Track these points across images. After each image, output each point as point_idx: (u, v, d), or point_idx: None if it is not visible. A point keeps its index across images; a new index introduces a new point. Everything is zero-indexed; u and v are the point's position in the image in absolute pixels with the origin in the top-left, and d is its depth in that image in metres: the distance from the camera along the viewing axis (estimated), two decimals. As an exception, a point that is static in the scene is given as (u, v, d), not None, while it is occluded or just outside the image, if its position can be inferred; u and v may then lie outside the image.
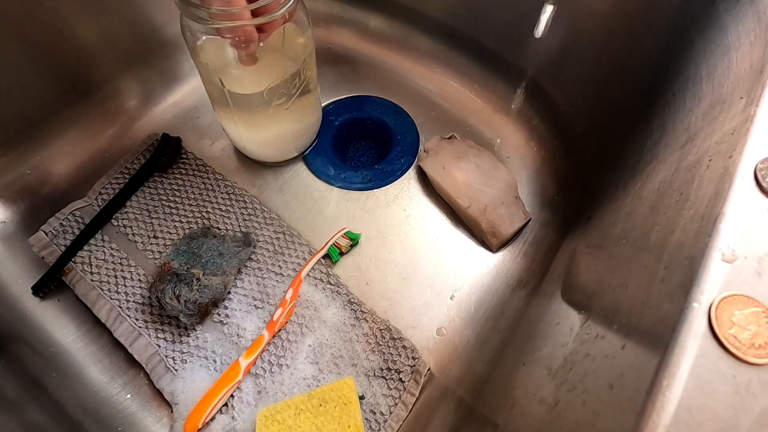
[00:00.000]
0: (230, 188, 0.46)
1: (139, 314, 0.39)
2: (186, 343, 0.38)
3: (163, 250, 0.42)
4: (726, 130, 0.24)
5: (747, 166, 0.21)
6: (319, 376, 0.37)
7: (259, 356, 0.38)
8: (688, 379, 0.17)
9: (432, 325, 0.41)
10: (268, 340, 0.37)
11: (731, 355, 0.17)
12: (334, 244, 0.42)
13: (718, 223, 0.20)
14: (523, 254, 0.44)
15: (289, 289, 0.38)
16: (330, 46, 0.57)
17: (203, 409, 0.35)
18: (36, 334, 0.39)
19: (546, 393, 0.26)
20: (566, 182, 0.47)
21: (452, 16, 0.51)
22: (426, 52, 0.54)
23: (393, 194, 0.47)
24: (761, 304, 0.18)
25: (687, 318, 0.18)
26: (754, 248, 0.19)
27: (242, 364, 0.36)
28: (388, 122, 0.51)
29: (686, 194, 0.24)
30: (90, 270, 0.41)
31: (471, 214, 0.43)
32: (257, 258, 0.42)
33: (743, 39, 0.28)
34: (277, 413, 0.34)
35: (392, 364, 0.38)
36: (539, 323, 0.35)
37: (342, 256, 0.43)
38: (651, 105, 0.36)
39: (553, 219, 0.46)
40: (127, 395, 0.37)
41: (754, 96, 0.24)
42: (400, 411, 0.36)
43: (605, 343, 0.23)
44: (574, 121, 0.47)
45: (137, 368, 0.38)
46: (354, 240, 0.43)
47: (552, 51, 0.46)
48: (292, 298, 0.38)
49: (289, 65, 0.38)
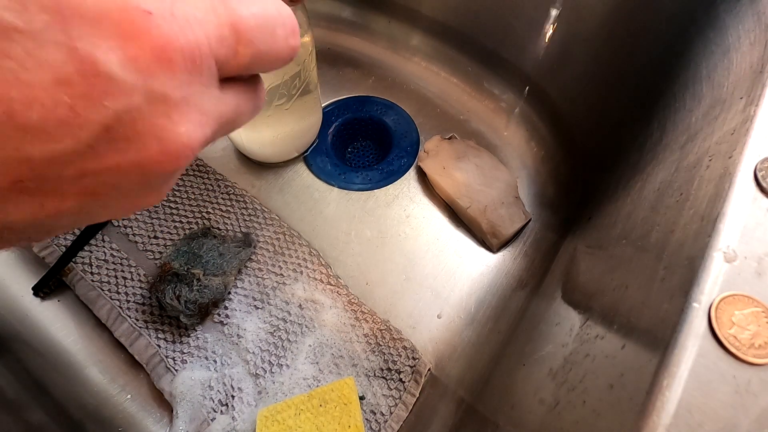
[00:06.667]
0: (230, 189, 0.46)
1: (139, 314, 0.39)
2: (186, 344, 0.38)
3: (163, 251, 0.42)
4: (726, 130, 0.24)
5: (747, 166, 0.21)
6: (320, 376, 0.37)
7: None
8: (688, 379, 0.17)
9: (432, 325, 0.41)
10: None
11: (731, 355, 0.17)
12: None
13: (718, 223, 0.20)
14: (523, 254, 0.44)
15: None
16: (330, 46, 0.57)
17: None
18: (36, 334, 0.39)
19: (546, 393, 0.26)
20: (566, 182, 0.47)
21: (452, 16, 0.51)
22: (426, 52, 0.54)
23: (393, 194, 0.47)
24: (761, 304, 0.18)
25: (687, 318, 0.18)
26: (754, 248, 0.19)
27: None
28: (388, 122, 0.51)
29: (686, 194, 0.24)
30: (90, 270, 0.41)
31: (471, 214, 0.43)
32: (257, 258, 0.42)
33: (743, 39, 0.28)
34: (278, 413, 0.34)
35: (392, 364, 0.38)
36: (539, 323, 0.35)
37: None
38: (651, 105, 0.36)
39: (553, 219, 0.46)
40: (127, 395, 0.37)
41: (754, 96, 0.24)
42: (400, 411, 0.36)
43: (605, 343, 0.23)
44: (574, 122, 0.47)
45: (137, 368, 0.38)
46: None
47: (552, 51, 0.46)
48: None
49: (290, 66, 0.38)
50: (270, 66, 0.15)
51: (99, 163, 0.12)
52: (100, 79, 0.11)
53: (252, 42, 0.14)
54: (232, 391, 0.36)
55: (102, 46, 0.11)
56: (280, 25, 0.15)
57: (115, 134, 0.11)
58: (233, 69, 0.14)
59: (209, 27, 0.13)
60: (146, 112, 0.12)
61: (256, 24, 0.14)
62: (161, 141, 0.12)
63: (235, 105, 0.15)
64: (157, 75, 0.12)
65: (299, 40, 0.16)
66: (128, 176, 0.13)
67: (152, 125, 0.12)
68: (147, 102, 0.12)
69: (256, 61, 0.15)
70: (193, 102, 0.13)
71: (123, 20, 0.11)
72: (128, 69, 0.11)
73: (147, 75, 0.11)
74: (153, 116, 0.12)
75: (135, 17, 0.11)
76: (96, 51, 0.11)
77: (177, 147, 0.13)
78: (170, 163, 0.13)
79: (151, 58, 0.11)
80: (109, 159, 0.12)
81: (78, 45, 0.10)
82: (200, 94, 0.13)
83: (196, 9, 0.12)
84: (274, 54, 0.15)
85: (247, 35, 0.14)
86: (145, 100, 0.12)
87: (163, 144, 0.12)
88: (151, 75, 0.12)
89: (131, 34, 0.11)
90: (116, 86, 0.11)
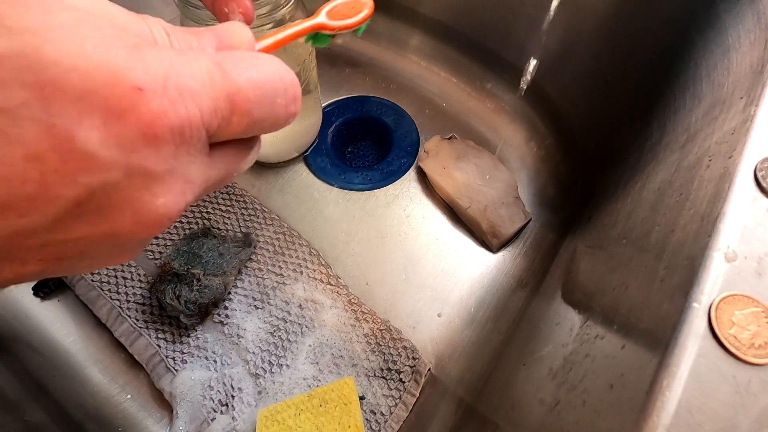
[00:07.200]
0: (230, 188, 0.46)
1: (139, 314, 0.39)
2: (186, 344, 0.38)
3: (163, 251, 0.42)
4: (726, 130, 0.24)
5: (747, 166, 0.21)
6: (320, 376, 0.37)
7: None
8: (688, 379, 0.17)
9: (432, 325, 0.41)
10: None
11: (731, 355, 0.17)
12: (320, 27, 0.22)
13: (718, 223, 0.20)
14: (524, 254, 0.44)
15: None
16: (330, 46, 0.57)
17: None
18: (36, 334, 0.39)
19: (546, 393, 0.26)
20: (566, 182, 0.47)
21: (452, 16, 0.51)
22: (426, 52, 0.54)
23: (393, 194, 0.47)
24: (761, 304, 0.18)
25: (687, 318, 0.18)
26: (754, 248, 0.19)
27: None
28: (388, 122, 0.51)
29: (686, 194, 0.24)
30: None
31: (471, 214, 0.43)
32: (257, 258, 0.42)
33: (743, 39, 0.28)
34: (278, 413, 0.34)
35: (392, 364, 0.38)
36: (539, 323, 0.35)
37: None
38: (651, 105, 0.36)
39: (553, 219, 0.46)
40: (127, 395, 0.37)
41: (754, 96, 0.24)
42: (400, 411, 0.36)
43: (605, 343, 0.23)
44: (574, 121, 0.47)
45: (137, 368, 0.38)
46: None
47: (552, 51, 0.46)
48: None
49: (290, 66, 0.38)
50: (266, 131, 0.15)
51: (66, 235, 0.12)
52: (75, 155, 0.11)
53: (249, 112, 0.14)
54: (232, 391, 0.36)
55: (83, 123, 0.11)
56: (281, 93, 0.14)
57: (86, 208, 0.11)
58: (226, 136, 0.14)
59: (203, 99, 0.12)
60: (124, 186, 0.12)
61: (254, 95, 0.14)
62: (137, 213, 0.12)
63: (225, 168, 0.15)
64: (140, 151, 0.11)
65: (299, 106, 0.15)
66: (98, 245, 0.13)
67: (129, 198, 0.12)
68: (126, 176, 0.11)
69: (251, 129, 0.14)
70: (178, 173, 0.13)
71: (110, 97, 0.11)
72: (109, 145, 0.11)
73: (129, 151, 0.11)
74: (131, 190, 0.12)
75: (123, 94, 0.11)
76: (75, 128, 0.10)
77: (153, 217, 0.12)
78: (144, 232, 0.13)
79: (135, 135, 0.11)
80: (78, 230, 0.12)
81: (56, 122, 0.10)
82: (187, 164, 0.13)
83: (192, 80, 0.12)
84: (271, 121, 0.15)
85: (243, 106, 0.13)
86: (124, 175, 0.11)
87: (138, 215, 0.12)
88: (134, 151, 0.11)
89: (117, 112, 0.11)
90: (93, 162, 0.11)
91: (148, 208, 0.12)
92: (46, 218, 0.11)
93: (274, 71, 0.14)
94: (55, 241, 0.12)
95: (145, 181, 0.12)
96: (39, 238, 0.11)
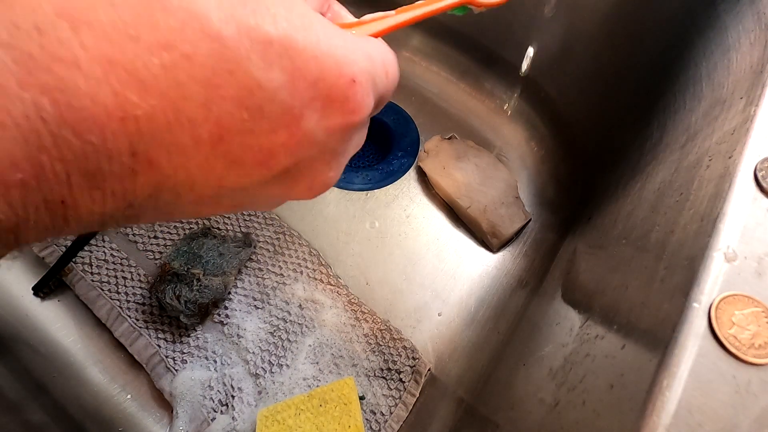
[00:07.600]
0: (230, 188, 0.46)
1: (139, 314, 0.39)
2: (186, 344, 0.38)
3: (163, 251, 0.42)
4: (726, 130, 0.24)
5: (747, 166, 0.21)
6: (320, 376, 0.37)
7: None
8: (688, 379, 0.17)
9: (432, 325, 0.41)
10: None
11: (731, 355, 0.17)
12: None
13: (718, 223, 0.20)
14: (524, 254, 0.44)
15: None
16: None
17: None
18: (36, 334, 0.39)
19: (546, 393, 0.26)
20: (566, 182, 0.47)
21: (452, 16, 0.51)
22: (426, 52, 0.54)
23: (393, 194, 0.47)
24: (761, 304, 0.18)
25: (687, 318, 0.18)
26: (754, 248, 0.19)
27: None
28: (388, 122, 0.51)
29: (686, 194, 0.24)
30: (90, 270, 0.41)
31: (471, 214, 0.43)
32: (257, 258, 0.42)
33: (743, 39, 0.28)
34: (278, 413, 0.34)
35: (392, 364, 0.38)
36: (539, 323, 0.35)
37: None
38: (651, 105, 0.36)
39: (553, 219, 0.46)
40: (127, 395, 0.37)
41: (754, 96, 0.24)
42: (400, 411, 0.36)
43: (605, 343, 0.23)
44: (574, 122, 0.47)
45: (137, 368, 0.38)
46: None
47: (552, 51, 0.46)
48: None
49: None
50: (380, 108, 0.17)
51: (261, 191, 0.14)
52: (299, 132, 0.12)
53: (389, 94, 0.16)
54: (232, 391, 0.36)
55: (310, 106, 0.12)
56: (396, 67, 0.16)
57: (285, 175, 0.13)
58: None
59: (379, 93, 0.14)
60: (316, 161, 0.14)
61: (395, 79, 0.15)
62: (312, 181, 0.14)
63: (359, 146, 0.17)
64: (337, 134, 0.13)
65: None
66: (267, 199, 0.15)
67: (314, 171, 0.14)
68: (320, 153, 0.14)
69: (380, 107, 0.16)
70: (349, 152, 0.15)
71: (334, 86, 0.12)
72: (320, 127, 0.13)
73: (330, 133, 0.13)
74: (318, 164, 0.14)
75: (344, 84, 0.12)
76: (304, 110, 0.12)
77: (321, 187, 0.15)
78: (307, 196, 0.15)
79: (340, 121, 0.13)
80: (270, 190, 0.14)
81: (294, 104, 0.12)
82: (355, 145, 0.15)
83: (382, 76, 0.14)
84: (389, 98, 0.16)
85: (387, 101, 0.16)
86: (319, 152, 0.13)
87: (312, 183, 0.15)
88: (333, 134, 0.13)
89: (334, 99, 0.12)
90: (307, 140, 0.13)
91: (321, 179, 0.15)
92: (263, 179, 0.13)
93: (389, 49, 0.16)
94: (251, 195, 0.14)
95: (330, 158, 0.14)
96: (247, 193, 0.13)
